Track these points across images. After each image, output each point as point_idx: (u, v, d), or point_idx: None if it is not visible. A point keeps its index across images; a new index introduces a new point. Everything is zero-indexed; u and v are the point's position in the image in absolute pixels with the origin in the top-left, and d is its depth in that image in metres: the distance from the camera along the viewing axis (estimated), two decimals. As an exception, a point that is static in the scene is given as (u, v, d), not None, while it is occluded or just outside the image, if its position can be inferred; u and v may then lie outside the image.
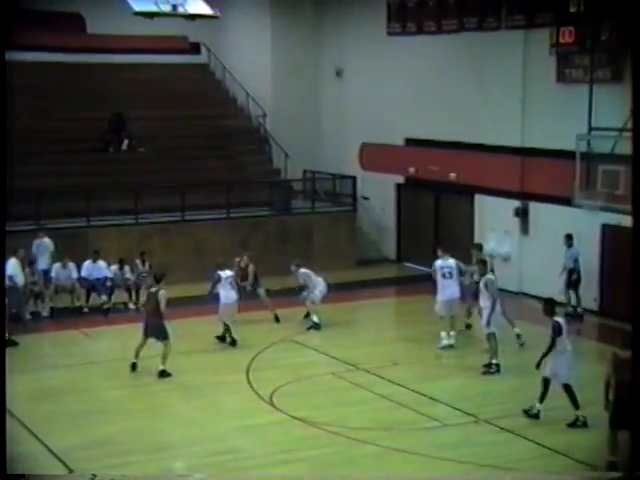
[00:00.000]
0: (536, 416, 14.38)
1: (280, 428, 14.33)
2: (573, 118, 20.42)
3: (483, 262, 17.58)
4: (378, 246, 27.76)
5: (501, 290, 18.33)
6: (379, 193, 27.56)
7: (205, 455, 13.34)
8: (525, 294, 22.23)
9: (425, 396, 15.34)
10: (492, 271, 17.66)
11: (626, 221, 19.47)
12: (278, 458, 12.99)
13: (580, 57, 20.89)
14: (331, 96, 29.35)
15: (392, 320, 20.56)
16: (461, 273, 18.42)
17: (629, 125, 18.33)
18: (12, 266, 19.31)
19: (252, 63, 29.90)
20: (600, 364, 18.24)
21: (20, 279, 19.89)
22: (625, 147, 18.51)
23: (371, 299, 22.36)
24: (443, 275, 18.11)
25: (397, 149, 26.77)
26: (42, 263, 21.38)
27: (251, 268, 20.19)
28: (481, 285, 16.84)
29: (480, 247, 19.81)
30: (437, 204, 26.11)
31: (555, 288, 19.89)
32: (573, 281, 20.67)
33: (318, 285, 19.68)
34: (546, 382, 14.29)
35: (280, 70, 29.40)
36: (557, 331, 14.14)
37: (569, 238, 20.69)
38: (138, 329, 17.00)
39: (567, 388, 14.19)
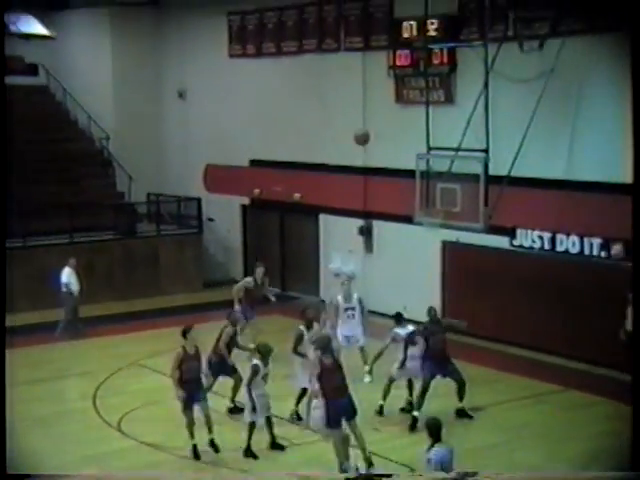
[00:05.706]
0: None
1: (129, 454, 14.18)
2: (413, 138, 20.80)
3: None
4: (225, 267, 27.75)
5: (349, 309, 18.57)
6: (225, 214, 27.59)
7: (51, 486, 13.05)
8: (370, 311, 22.54)
9: (277, 417, 15.36)
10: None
11: (464, 237, 20.29)
12: (127, 486, 12.84)
13: (416, 79, 21.53)
14: (174, 118, 29.23)
15: (242, 340, 20.50)
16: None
17: (464, 145, 19.12)
18: (67, 274, 20.95)
19: (93, 85, 29.45)
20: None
21: (75, 287, 21.01)
22: (461, 166, 19.23)
23: (220, 321, 22.22)
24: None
25: (242, 170, 26.87)
26: None
27: None
28: None
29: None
30: (282, 224, 26.34)
31: (399, 304, 20.30)
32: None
33: None
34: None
35: (122, 92, 29.08)
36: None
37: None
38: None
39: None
